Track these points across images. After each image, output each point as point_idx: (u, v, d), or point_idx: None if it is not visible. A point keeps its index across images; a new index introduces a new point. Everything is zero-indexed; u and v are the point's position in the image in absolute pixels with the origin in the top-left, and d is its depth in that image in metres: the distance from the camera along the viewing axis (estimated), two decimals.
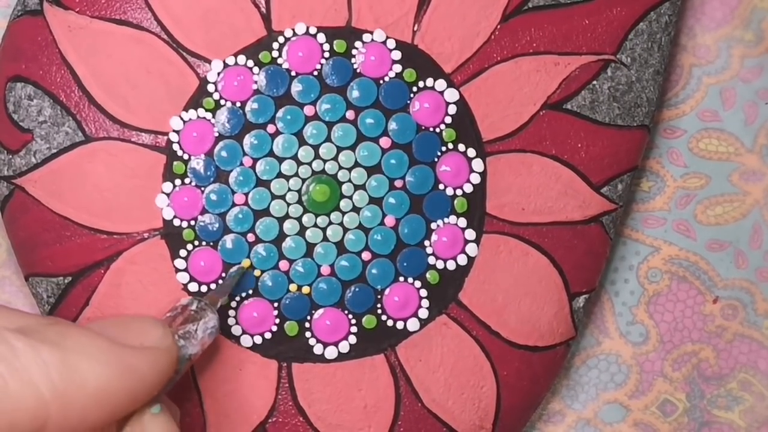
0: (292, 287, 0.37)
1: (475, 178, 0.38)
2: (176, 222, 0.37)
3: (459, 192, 0.38)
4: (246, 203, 0.37)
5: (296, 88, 0.37)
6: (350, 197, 0.37)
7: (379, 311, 0.38)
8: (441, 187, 0.38)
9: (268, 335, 0.37)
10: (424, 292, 0.38)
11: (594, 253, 0.40)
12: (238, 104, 0.37)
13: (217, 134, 0.37)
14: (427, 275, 0.38)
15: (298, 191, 0.37)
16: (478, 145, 0.38)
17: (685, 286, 0.44)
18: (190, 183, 0.37)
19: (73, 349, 0.27)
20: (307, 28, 0.37)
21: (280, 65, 0.37)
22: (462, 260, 0.38)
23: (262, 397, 0.37)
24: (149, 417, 0.29)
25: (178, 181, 0.37)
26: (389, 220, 0.38)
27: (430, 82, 0.38)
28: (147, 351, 0.29)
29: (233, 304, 0.37)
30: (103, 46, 0.36)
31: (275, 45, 0.37)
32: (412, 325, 0.38)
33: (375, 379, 0.38)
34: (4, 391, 0.25)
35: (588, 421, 0.43)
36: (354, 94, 0.37)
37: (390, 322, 0.38)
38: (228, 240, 0.37)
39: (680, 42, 0.43)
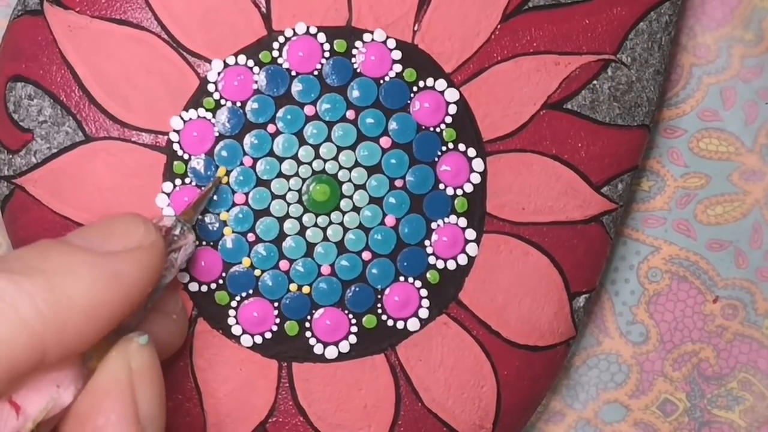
0: (293, 287, 0.37)
1: (476, 178, 0.38)
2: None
3: (459, 192, 0.38)
4: (246, 203, 0.37)
5: (296, 87, 0.37)
6: (350, 197, 0.37)
7: (380, 311, 0.38)
8: (441, 186, 0.38)
9: (268, 335, 0.37)
10: (424, 292, 0.38)
11: (594, 252, 0.40)
12: (239, 104, 0.37)
13: (217, 134, 0.37)
14: (428, 275, 0.38)
15: (299, 191, 0.37)
16: (478, 145, 0.38)
17: (686, 285, 0.44)
18: (191, 183, 0.37)
19: (55, 270, 0.26)
20: (308, 27, 0.37)
21: (281, 65, 0.37)
22: (462, 260, 0.38)
23: (262, 396, 0.37)
24: (136, 347, 0.29)
25: (178, 181, 0.37)
26: (389, 220, 0.38)
27: (430, 81, 0.38)
28: (132, 253, 0.28)
29: (233, 303, 0.37)
30: (104, 46, 0.36)
31: (275, 45, 0.37)
32: (413, 324, 0.38)
33: (375, 379, 0.38)
34: None
35: (588, 421, 0.43)
36: (354, 93, 0.37)
37: (390, 322, 0.38)
38: (228, 240, 0.37)
39: (680, 42, 0.43)
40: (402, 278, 0.38)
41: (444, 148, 0.38)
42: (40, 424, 0.27)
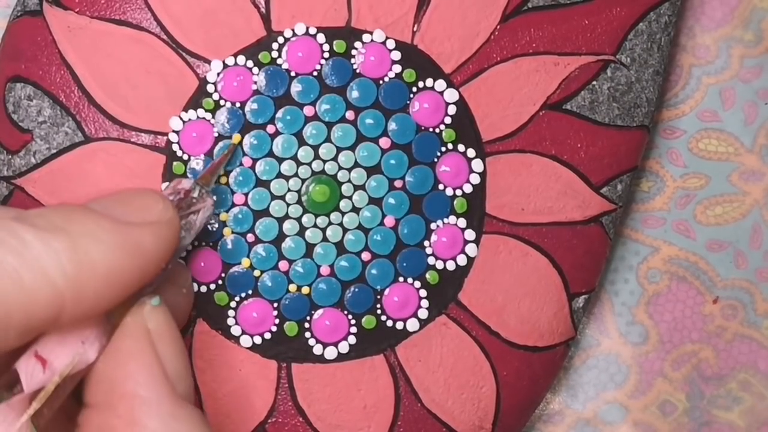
0: (292, 287, 0.37)
1: (475, 179, 0.38)
2: None
3: (459, 192, 0.38)
4: (246, 203, 0.37)
5: (296, 88, 0.37)
6: (350, 197, 0.37)
7: (379, 311, 0.38)
8: (441, 187, 0.38)
9: (267, 335, 0.37)
10: (423, 293, 0.38)
11: (594, 253, 0.40)
12: (238, 104, 0.37)
13: (216, 134, 0.37)
14: (427, 275, 0.38)
15: (298, 191, 0.37)
16: (477, 146, 0.38)
17: (685, 286, 0.44)
18: None
19: (80, 233, 0.27)
20: (307, 28, 0.37)
21: (280, 65, 0.37)
22: (462, 260, 0.38)
23: (262, 397, 0.37)
24: (149, 309, 0.29)
25: None
26: (389, 221, 0.38)
27: (429, 82, 0.38)
28: (150, 226, 0.29)
29: (233, 304, 0.37)
30: (103, 47, 0.36)
31: (275, 45, 0.37)
32: (412, 325, 0.38)
33: (374, 380, 0.38)
34: (19, 285, 0.25)
35: (588, 421, 0.43)
36: (354, 94, 0.37)
37: (389, 323, 0.38)
38: (227, 240, 0.37)
39: (680, 42, 0.43)
40: (401, 279, 0.38)
41: (443, 149, 0.38)
42: (65, 379, 0.27)
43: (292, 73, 0.37)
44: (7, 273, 0.25)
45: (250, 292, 0.37)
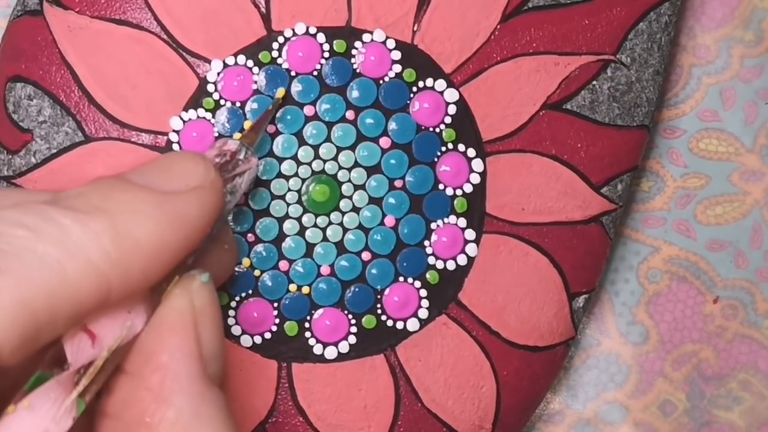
0: (292, 287, 0.37)
1: (475, 178, 0.38)
2: None
3: (459, 192, 0.38)
4: (246, 203, 0.37)
5: (296, 88, 0.37)
6: (350, 197, 0.37)
7: (379, 311, 0.38)
8: (441, 187, 0.38)
9: (267, 335, 0.37)
10: (423, 292, 0.38)
11: (594, 253, 0.40)
12: (238, 104, 0.37)
13: (216, 134, 0.37)
14: (427, 275, 0.38)
15: (298, 191, 0.37)
16: (477, 145, 0.38)
17: (685, 286, 0.44)
18: None
19: (120, 210, 0.26)
20: (307, 28, 0.37)
21: (280, 65, 0.37)
22: (462, 260, 0.38)
23: (262, 397, 0.37)
24: (198, 285, 0.28)
25: None
26: (389, 220, 0.38)
27: (429, 82, 0.38)
28: (193, 193, 0.28)
29: (233, 304, 0.37)
30: (103, 46, 0.36)
31: (275, 45, 0.37)
32: (412, 325, 0.38)
33: (375, 379, 0.38)
34: (64, 277, 0.24)
35: (588, 421, 0.43)
36: (354, 94, 0.37)
37: (390, 322, 0.38)
38: None
39: (680, 42, 0.43)
40: (401, 278, 0.38)
41: (443, 149, 0.38)
42: (113, 353, 0.26)
43: (293, 73, 0.37)
44: (50, 266, 0.24)
45: (250, 291, 0.37)
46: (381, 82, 0.37)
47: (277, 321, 0.37)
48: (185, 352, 0.27)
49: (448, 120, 0.38)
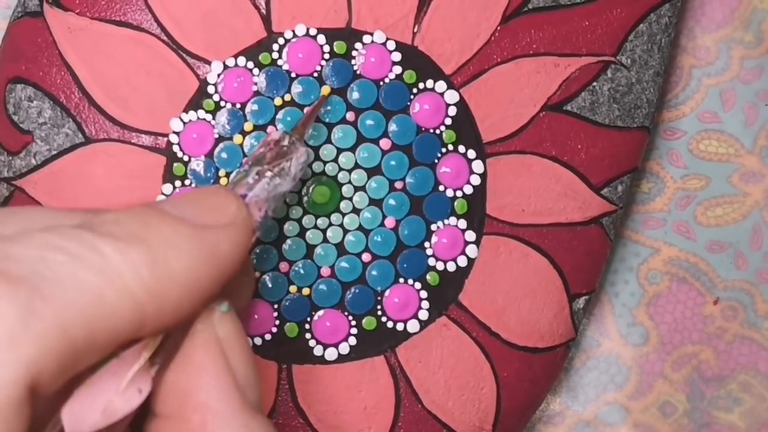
0: (292, 289, 0.37)
1: (475, 180, 0.38)
2: None
3: (459, 193, 0.38)
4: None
5: (296, 89, 0.37)
6: (350, 199, 0.37)
7: (379, 313, 0.38)
8: (441, 188, 0.38)
9: (268, 337, 0.37)
10: (424, 294, 0.38)
11: (594, 254, 0.40)
12: (238, 106, 0.37)
13: (217, 136, 0.37)
14: (427, 277, 0.38)
15: (299, 193, 0.37)
16: (478, 147, 0.38)
17: (685, 287, 0.44)
18: (191, 184, 0.37)
19: (159, 241, 0.26)
20: (307, 29, 0.37)
21: (280, 67, 0.37)
22: (462, 262, 0.38)
23: (262, 398, 0.37)
24: (219, 316, 0.28)
25: (178, 183, 0.37)
26: (389, 222, 0.38)
27: (430, 83, 0.38)
28: (226, 228, 0.27)
29: None
30: (104, 48, 0.36)
31: (275, 46, 0.37)
32: (412, 326, 0.38)
33: (375, 381, 0.38)
34: (103, 305, 0.24)
35: (588, 423, 0.43)
36: (354, 95, 0.37)
37: (390, 324, 0.38)
38: None
39: (680, 43, 0.43)
40: (402, 280, 0.38)
41: (444, 150, 0.38)
42: (154, 359, 0.26)
43: (293, 74, 0.37)
44: (91, 293, 0.24)
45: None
46: (381, 83, 0.37)
47: (277, 322, 0.37)
48: (221, 387, 0.27)
49: (448, 121, 0.38)
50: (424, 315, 0.38)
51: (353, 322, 0.37)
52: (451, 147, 0.38)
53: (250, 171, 0.30)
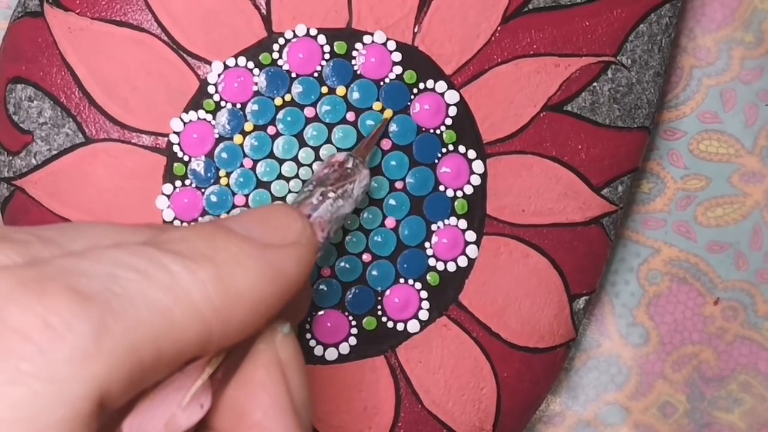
0: None
1: (476, 180, 0.38)
2: (177, 223, 0.37)
3: (459, 193, 0.38)
4: (246, 205, 0.37)
5: (297, 89, 0.37)
6: None
7: (380, 313, 0.38)
8: (441, 188, 0.38)
9: None
10: (424, 294, 0.38)
11: (594, 254, 0.40)
12: (239, 106, 0.37)
13: (217, 135, 0.37)
14: (428, 277, 0.38)
15: (299, 193, 0.37)
16: (478, 147, 0.38)
17: (686, 287, 0.44)
18: (191, 184, 0.37)
19: (226, 261, 0.26)
20: (308, 29, 0.37)
21: (281, 67, 0.37)
22: (462, 262, 0.38)
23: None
24: (281, 338, 0.28)
25: (178, 183, 0.37)
26: (389, 222, 0.38)
27: (430, 83, 0.38)
28: (291, 248, 0.28)
29: None
30: (104, 48, 0.36)
31: (275, 46, 0.37)
32: (413, 326, 0.38)
33: (375, 381, 0.38)
34: (171, 322, 0.24)
35: (588, 423, 0.43)
36: (354, 95, 0.37)
37: (390, 324, 0.38)
38: None
39: (680, 43, 0.43)
40: (402, 280, 0.38)
41: (444, 150, 0.38)
42: (216, 375, 0.26)
43: (293, 74, 0.37)
44: (159, 311, 0.24)
45: None
46: (381, 83, 0.37)
47: None
48: (278, 408, 0.27)
49: (448, 121, 0.38)
50: (424, 315, 0.38)
51: (353, 322, 0.37)
52: (451, 147, 0.38)
53: (314, 191, 0.31)
